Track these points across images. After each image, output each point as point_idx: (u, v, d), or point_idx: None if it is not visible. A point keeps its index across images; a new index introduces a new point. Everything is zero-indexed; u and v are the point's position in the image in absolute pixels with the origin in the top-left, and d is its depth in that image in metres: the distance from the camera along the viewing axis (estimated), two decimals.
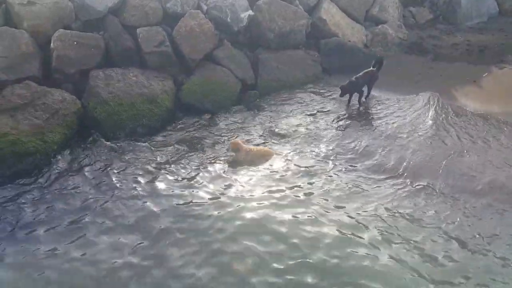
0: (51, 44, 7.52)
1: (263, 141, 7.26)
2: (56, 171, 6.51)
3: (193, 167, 6.58)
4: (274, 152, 6.79)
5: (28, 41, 7.35)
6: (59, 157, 6.73)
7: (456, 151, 6.56)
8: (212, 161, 6.74)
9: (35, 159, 6.56)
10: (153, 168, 6.59)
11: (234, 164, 6.57)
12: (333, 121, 7.85)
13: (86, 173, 6.48)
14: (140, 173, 6.47)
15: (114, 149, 6.98)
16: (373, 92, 8.59)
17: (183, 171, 6.51)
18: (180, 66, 8.52)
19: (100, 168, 6.59)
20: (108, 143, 7.09)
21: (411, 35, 11.29)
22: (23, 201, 5.92)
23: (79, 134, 7.20)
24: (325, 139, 7.25)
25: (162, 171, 6.50)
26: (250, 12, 9.21)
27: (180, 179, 6.33)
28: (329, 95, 8.87)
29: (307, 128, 7.66)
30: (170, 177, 6.36)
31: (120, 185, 6.21)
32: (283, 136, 7.43)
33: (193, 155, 6.90)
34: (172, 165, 6.64)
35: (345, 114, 8.06)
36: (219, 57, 8.81)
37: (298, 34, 9.67)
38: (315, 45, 9.94)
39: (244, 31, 9.31)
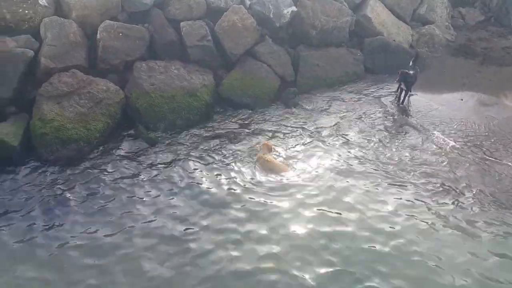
0: (98, 35, 7.67)
1: (298, 140, 7.18)
2: (98, 158, 6.68)
3: (230, 159, 6.64)
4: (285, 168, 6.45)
5: (76, 31, 7.53)
6: (101, 144, 6.89)
7: None
8: (248, 155, 6.74)
9: (78, 146, 6.72)
10: (191, 159, 6.65)
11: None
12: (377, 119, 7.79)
13: (126, 162, 6.60)
14: (178, 165, 6.54)
15: (154, 140, 7.07)
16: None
17: (219, 162, 6.58)
18: (220, 60, 8.52)
19: (139, 159, 6.70)
20: (148, 133, 7.19)
21: (459, 36, 10.83)
22: (61, 185, 6.10)
23: (122, 123, 7.33)
24: (367, 139, 7.15)
25: (199, 162, 6.58)
26: (293, 8, 9.08)
27: (216, 168, 6.44)
28: (371, 95, 8.67)
29: (345, 127, 7.54)
30: (205, 167, 6.46)
31: (158, 175, 6.31)
32: (319, 135, 7.32)
33: (230, 148, 6.92)
34: (209, 157, 6.71)
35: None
36: (259, 53, 8.75)
37: (341, 31, 9.47)
38: (358, 43, 9.70)
39: (286, 27, 9.19)
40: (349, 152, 6.83)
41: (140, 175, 6.31)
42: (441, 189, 5.98)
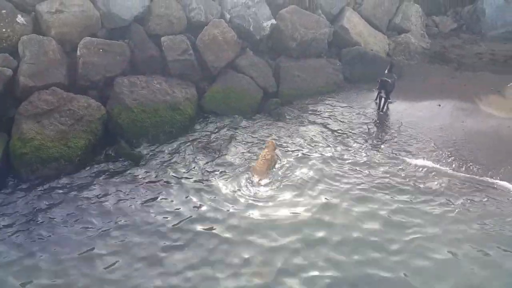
0: (78, 52, 7.63)
1: (283, 150, 7.23)
2: (80, 176, 6.57)
3: (213, 172, 6.62)
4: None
5: (55, 48, 7.47)
6: (83, 162, 6.79)
7: None
8: (233, 167, 6.75)
9: (59, 164, 6.63)
10: (174, 174, 6.63)
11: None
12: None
13: (109, 179, 6.52)
14: (162, 181, 6.49)
15: (137, 155, 7.02)
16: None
17: (204, 176, 6.56)
18: (202, 74, 8.57)
19: (122, 174, 6.62)
20: (130, 149, 7.14)
21: (434, 44, 11.17)
22: (44, 205, 5.96)
23: (103, 140, 7.25)
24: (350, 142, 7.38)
25: (182, 177, 6.54)
26: (273, 21, 9.24)
27: (202, 182, 6.41)
28: (351, 103, 8.83)
29: (328, 135, 7.66)
30: (190, 182, 6.43)
31: (143, 192, 6.25)
32: (303, 144, 7.41)
33: (214, 161, 6.92)
34: (194, 171, 6.68)
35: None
36: (241, 65, 8.84)
37: (320, 42, 9.66)
38: (336, 54, 9.91)
39: (266, 39, 9.34)
40: (331, 159, 6.93)
41: (124, 193, 6.21)
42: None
